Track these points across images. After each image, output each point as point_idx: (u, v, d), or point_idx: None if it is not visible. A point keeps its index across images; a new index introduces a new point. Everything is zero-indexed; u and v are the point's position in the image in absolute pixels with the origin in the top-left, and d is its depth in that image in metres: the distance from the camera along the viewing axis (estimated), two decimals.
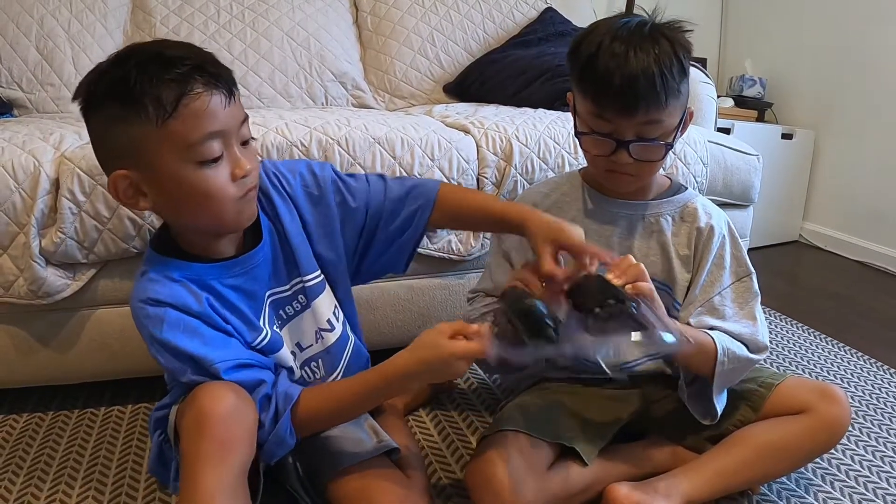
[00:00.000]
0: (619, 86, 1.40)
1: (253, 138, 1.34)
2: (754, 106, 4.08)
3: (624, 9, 4.04)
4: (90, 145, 1.69)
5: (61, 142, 1.82)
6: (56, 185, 1.73)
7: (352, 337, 1.60)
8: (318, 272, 1.52)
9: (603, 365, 1.42)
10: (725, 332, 1.53)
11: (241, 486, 1.23)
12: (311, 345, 1.53)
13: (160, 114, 1.17)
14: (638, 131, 1.45)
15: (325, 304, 1.54)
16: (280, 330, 1.49)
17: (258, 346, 1.39)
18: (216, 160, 1.24)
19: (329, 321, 1.54)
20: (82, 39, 2.72)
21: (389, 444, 1.49)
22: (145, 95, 1.17)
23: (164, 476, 1.45)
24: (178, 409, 1.31)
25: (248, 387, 1.30)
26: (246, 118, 1.30)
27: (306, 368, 1.52)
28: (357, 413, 1.44)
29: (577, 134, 1.55)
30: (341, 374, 1.56)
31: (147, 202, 1.28)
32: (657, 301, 1.38)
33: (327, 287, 1.54)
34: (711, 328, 1.53)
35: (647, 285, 1.34)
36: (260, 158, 1.52)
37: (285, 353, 1.46)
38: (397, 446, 1.50)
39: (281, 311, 1.51)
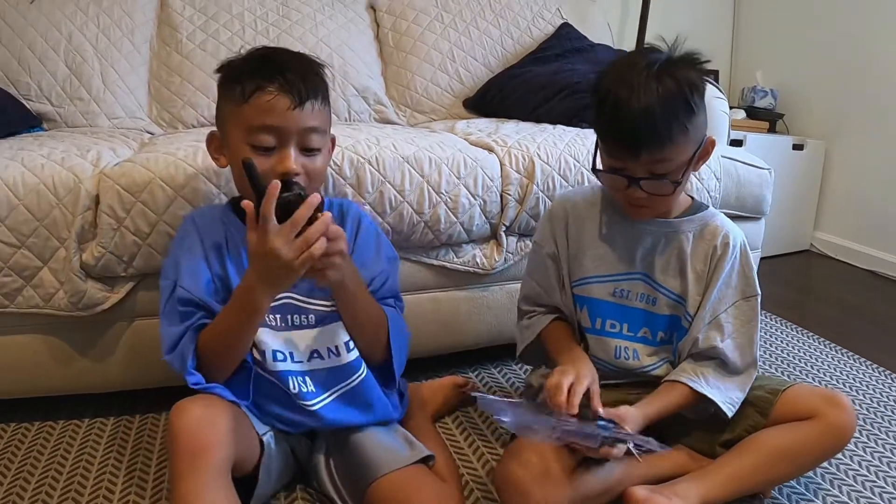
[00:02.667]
0: (622, 130, 1.49)
1: (316, 150, 1.54)
2: (766, 117, 4.13)
3: (637, 26, 4.11)
4: (128, 163, 1.81)
5: (99, 159, 1.89)
6: (96, 201, 1.79)
7: (365, 371, 1.65)
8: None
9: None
10: (721, 351, 1.65)
11: (219, 486, 1.34)
12: (303, 361, 1.60)
13: (240, 98, 1.47)
14: (649, 168, 1.52)
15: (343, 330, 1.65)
16: (279, 331, 1.59)
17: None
18: (267, 150, 1.48)
19: (347, 344, 1.63)
20: (110, 55, 2.78)
21: (423, 451, 1.58)
22: (239, 82, 1.47)
23: None
24: None
25: (180, 316, 1.51)
26: (315, 129, 1.51)
27: (293, 378, 1.59)
28: (240, 333, 1.48)
29: (593, 171, 1.64)
30: (337, 395, 1.62)
31: (224, 161, 1.59)
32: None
33: None
34: (715, 347, 1.65)
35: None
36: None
37: (261, 335, 1.56)
38: (431, 453, 1.59)
39: (289, 317, 1.61)
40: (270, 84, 1.45)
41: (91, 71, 2.74)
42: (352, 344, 1.63)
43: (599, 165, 1.63)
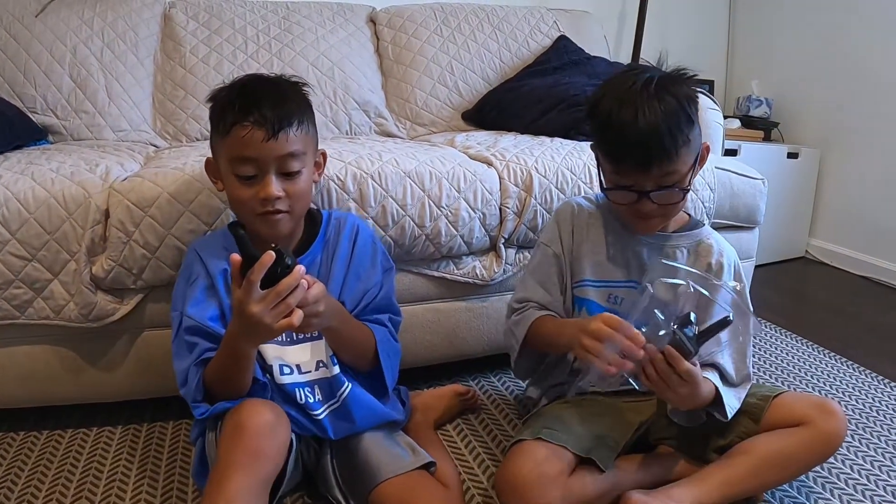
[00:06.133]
0: (632, 148, 1.55)
1: (296, 172, 1.59)
2: (761, 126, 4.15)
3: (633, 38, 4.13)
4: (137, 178, 1.85)
5: (108, 174, 1.93)
6: (105, 215, 1.84)
7: (350, 385, 1.69)
8: None
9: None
10: (720, 365, 1.68)
11: (262, 496, 1.40)
12: (310, 371, 1.67)
13: (222, 132, 1.55)
14: (657, 181, 1.58)
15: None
16: (286, 345, 1.65)
17: None
18: (249, 178, 1.56)
19: (332, 358, 1.69)
20: (115, 68, 2.82)
21: (425, 457, 1.64)
22: (221, 116, 1.56)
23: (204, 482, 1.58)
24: (223, 419, 1.48)
25: (193, 352, 1.57)
26: (293, 154, 1.57)
27: (300, 390, 1.65)
28: (235, 373, 1.52)
29: (602, 190, 1.69)
30: (336, 405, 1.67)
31: (221, 186, 1.66)
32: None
33: None
34: (713, 364, 1.68)
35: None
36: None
37: (268, 350, 1.64)
38: (433, 460, 1.64)
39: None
40: (246, 118, 1.51)
41: (96, 84, 2.78)
42: (336, 359, 1.70)
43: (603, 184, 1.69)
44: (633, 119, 1.53)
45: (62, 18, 2.84)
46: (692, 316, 1.49)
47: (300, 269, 1.38)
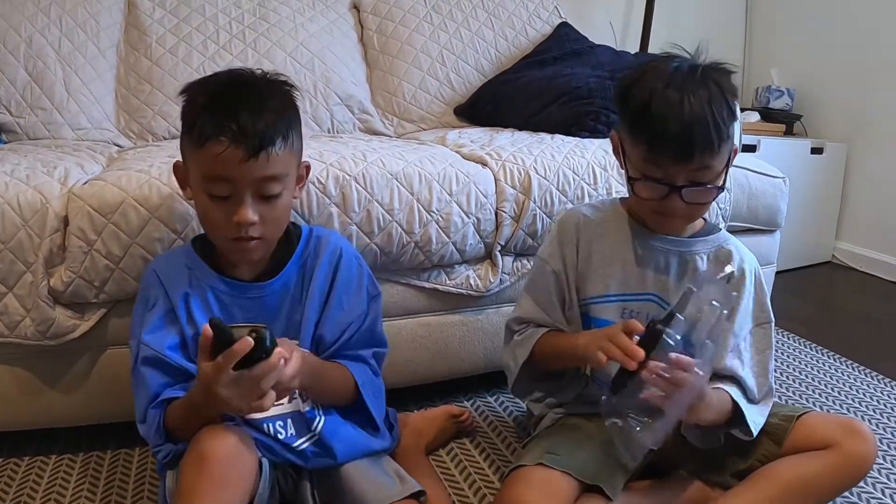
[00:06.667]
0: (676, 133, 1.52)
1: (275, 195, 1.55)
2: (782, 119, 4.16)
3: (641, 22, 4.13)
4: (99, 181, 1.84)
5: (67, 176, 1.92)
6: (65, 222, 1.82)
7: (322, 418, 1.68)
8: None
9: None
10: (742, 379, 1.67)
11: None
12: (282, 403, 1.62)
13: (196, 142, 1.49)
14: (690, 177, 1.57)
15: None
16: None
17: None
18: (223, 198, 1.51)
19: (303, 393, 1.68)
20: (74, 60, 2.81)
21: (414, 486, 1.63)
22: (194, 123, 1.50)
23: None
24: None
25: (151, 389, 1.56)
26: (273, 177, 1.52)
27: (269, 425, 1.61)
28: (199, 424, 1.48)
29: (629, 180, 1.68)
30: (315, 438, 1.65)
31: (190, 193, 1.61)
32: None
33: None
34: (734, 377, 1.67)
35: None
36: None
37: None
38: (423, 488, 1.63)
39: None
40: (222, 132, 1.45)
41: (53, 77, 2.76)
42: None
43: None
44: (678, 104, 1.52)
45: (16, 6, 2.83)
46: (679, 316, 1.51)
47: (279, 351, 1.37)
